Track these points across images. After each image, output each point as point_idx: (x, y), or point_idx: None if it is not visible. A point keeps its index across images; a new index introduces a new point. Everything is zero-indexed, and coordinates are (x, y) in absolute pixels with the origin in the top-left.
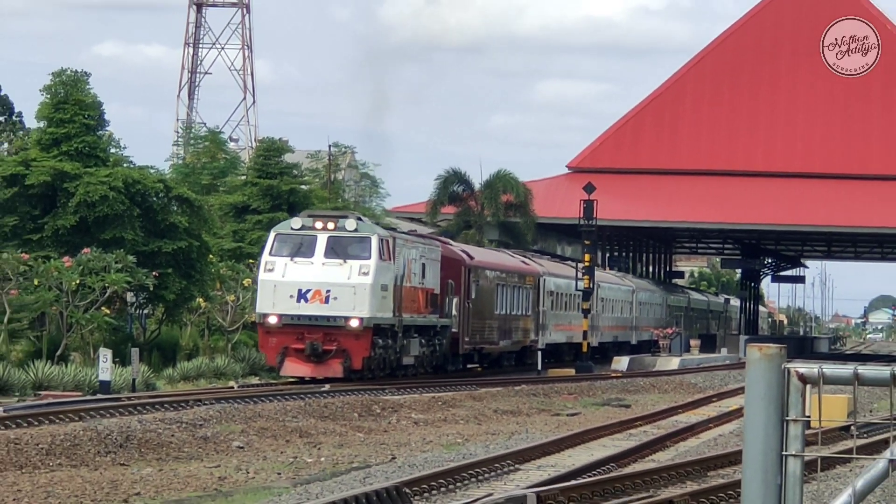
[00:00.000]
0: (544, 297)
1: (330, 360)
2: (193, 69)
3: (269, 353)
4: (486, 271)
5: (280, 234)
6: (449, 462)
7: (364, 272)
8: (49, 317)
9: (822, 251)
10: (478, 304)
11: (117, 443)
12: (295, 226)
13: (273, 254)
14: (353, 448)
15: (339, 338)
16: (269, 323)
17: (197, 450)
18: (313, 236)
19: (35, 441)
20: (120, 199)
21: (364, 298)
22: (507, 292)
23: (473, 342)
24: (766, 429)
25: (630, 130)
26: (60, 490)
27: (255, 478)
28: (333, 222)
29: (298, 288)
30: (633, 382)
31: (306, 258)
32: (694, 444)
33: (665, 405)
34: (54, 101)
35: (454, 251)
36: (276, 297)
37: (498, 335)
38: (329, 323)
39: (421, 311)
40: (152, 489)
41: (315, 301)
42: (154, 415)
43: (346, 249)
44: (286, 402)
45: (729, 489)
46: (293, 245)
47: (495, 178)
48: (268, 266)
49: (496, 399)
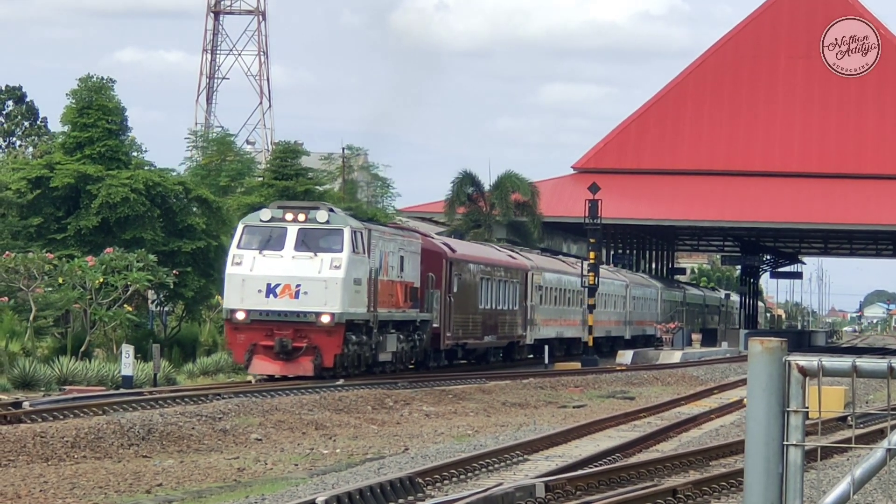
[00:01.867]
0: (532, 291)
1: (300, 358)
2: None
3: (237, 351)
4: (469, 265)
5: (249, 225)
6: (460, 453)
7: (336, 265)
8: (73, 314)
9: (819, 248)
10: (460, 298)
11: (140, 435)
12: (264, 217)
13: (241, 247)
14: (367, 440)
15: (310, 334)
16: (237, 319)
17: (217, 442)
18: (283, 228)
19: (60, 434)
20: (141, 200)
21: (336, 293)
22: (491, 286)
23: (456, 337)
24: (767, 419)
25: (633, 132)
26: (85, 481)
27: (273, 469)
28: (304, 214)
29: (267, 282)
30: (636, 375)
31: (276, 251)
32: (696, 434)
33: (668, 397)
34: (79, 106)
35: (435, 244)
36: (244, 292)
37: (482, 330)
38: (299, 319)
39: (399, 306)
40: (174, 480)
41: (285, 296)
42: (175, 408)
43: (318, 242)
44: (302, 396)
45: (731, 478)
46: (262, 237)
47: (504, 179)
48: (235, 259)
49: (505, 392)
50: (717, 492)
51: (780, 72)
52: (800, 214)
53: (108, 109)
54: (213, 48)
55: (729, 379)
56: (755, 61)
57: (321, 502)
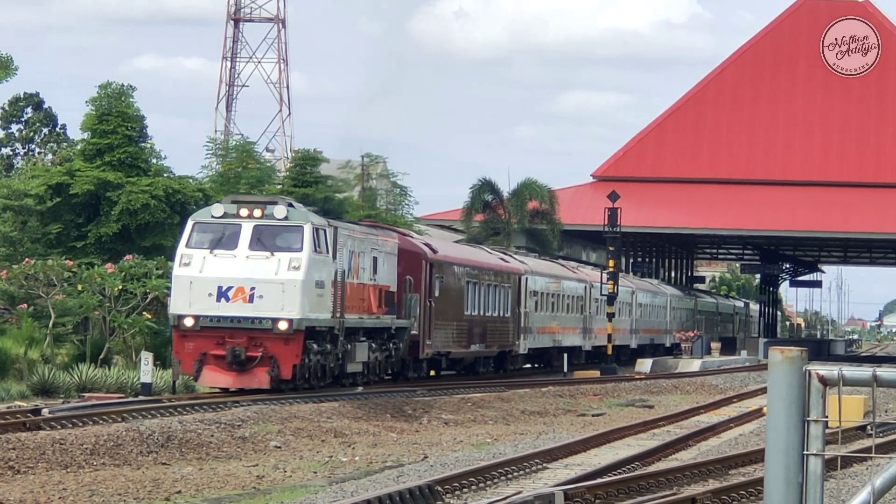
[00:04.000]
0: (527, 297)
1: (255, 369)
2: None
3: (185, 361)
4: (453, 267)
5: (199, 222)
6: (479, 461)
7: (295, 266)
8: (92, 321)
9: (839, 257)
10: (442, 303)
11: (159, 443)
12: (216, 213)
13: (190, 245)
14: (386, 448)
15: (266, 343)
16: (185, 325)
17: (236, 449)
18: (237, 225)
19: (80, 441)
20: (161, 207)
21: (294, 297)
22: (479, 291)
23: (437, 346)
24: (787, 429)
25: (652, 140)
26: (104, 489)
27: (291, 476)
28: (261, 209)
29: (218, 285)
30: (655, 384)
31: (228, 251)
32: (715, 443)
33: (687, 406)
34: (99, 112)
35: (414, 244)
36: (192, 296)
37: (469, 338)
38: (254, 325)
39: (372, 311)
40: (193, 488)
41: (238, 300)
42: (194, 416)
43: (275, 240)
44: (321, 404)
45: (750, 487)
46: (214, 235)
47: (522, 187)
48: (183, 260)
49: (524, 400)
50: (736, 500)
51: (799, 80)
52: (819, 223)
53: (128, 116)
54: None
55: (748, 388)
56: (775, 69)
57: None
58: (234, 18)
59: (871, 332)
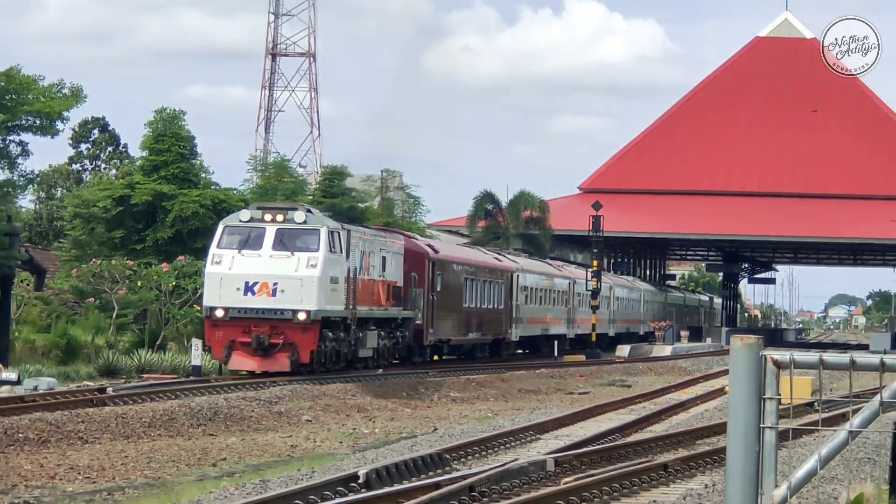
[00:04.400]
0: (518, 292)
1: (277, 354)
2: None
3: (216, 347)
4: (453, 265)
5: (228, 226)
6: (481, 433)
7: (312, 264)
8: (150, 313)
9: (790, 257)
10: (443, 296)
11: (207, 417)
12: (243, 218)
13: (221, 246)
14: (401, 421)
15: (287, 331)
16: (216, 316)
17: (272, 422)
18: (262, 228)
19: (139, 415)
20: (209, 214)
21: (311, 291)
22: (476, 286)
23: (439, 334)
24: (746, 405)
25: (631, 157)
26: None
27: (321, 446)
28: (283, 214)
29: (245, 280)
30: (633, 367)
31: (254, 250)
32: (684, 417)
33: (660, 385)
34: (155, 134)
35: (418, 245)
36: (222, 290)
37: (467, 327)
38: (276, 316)
39: (381, 304)
40: (236, 455)
41: (262, 294)
42: (237, 394)
43: (295, 241)
44: (346, 384)
45: (714, 455)
46: (241, 237)
47: (518, 197)
48: (215, 259)
49: (520, 381)
50: (702, 467)
51: (756, 106)
52: (773, 229)
53: (180, 137)
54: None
55: (713, 370)
56: (735, 97)
57: (362, 475)
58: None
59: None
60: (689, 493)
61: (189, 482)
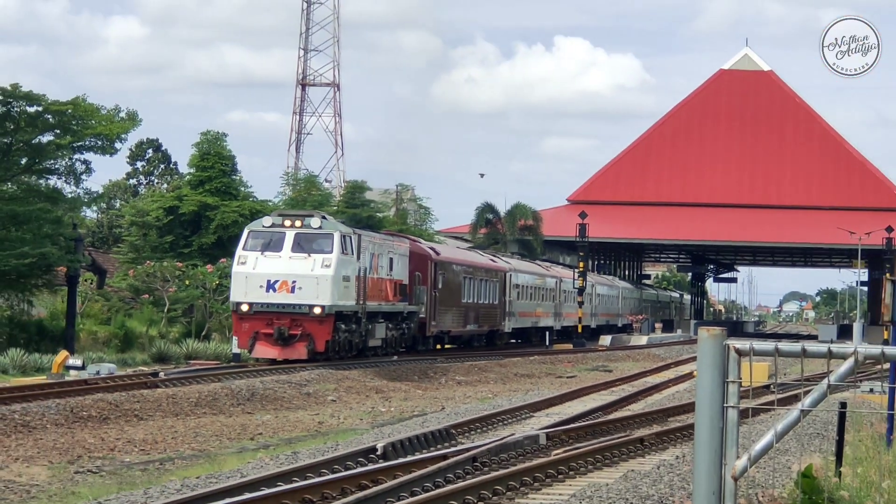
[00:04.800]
0: (510, 289)
1: (296, 344)
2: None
3: (242, 338)
4: (453, 266)
5: (253, 231)
6: (483, 411)
7: (326, 265)
8: (196, 307)
9: (749, 259)
10: (444, 293)
11: (245, 397)
12: (266, 224)
13: (246, 249)
14: (414, 401)
15: (304, 323)
16: (242, 310)
17: (302, 402)
18: (282, 233)
19: (187, 396)
20: (247, 223)
21: (326, 288)
22: (473, 284)
23: (440, 326)
24: (712, 387)
25: (612, 174)
26: (205, 431)
27: (344, 422)
28: (300, 220)
29: (267, 279)
30: (614, 354)
31: (275, 252)
32: (658, 398)
33: (637, 370)
34: (201, 153)
35: (422, 247)
36: (247, 287)
37: (465, 320)
38: (295, 310)
39: (388, 299)
40: (270, 430)
41: (282, 290)
42: (271, 377)
43: (311, 244)
44: (365, 369)
45: (684, 430)
46: (264, 241)
47: (515, 208)
48: (241, 260)
49: (516, 366)
50: (673, 441)
51: (720, 129)
52: (735, 235)
53: (223, 156)
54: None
55: (682, 357)
56: (702, 121)
57: (380, 447)
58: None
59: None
60: (663, 463)
61: (230, 454)
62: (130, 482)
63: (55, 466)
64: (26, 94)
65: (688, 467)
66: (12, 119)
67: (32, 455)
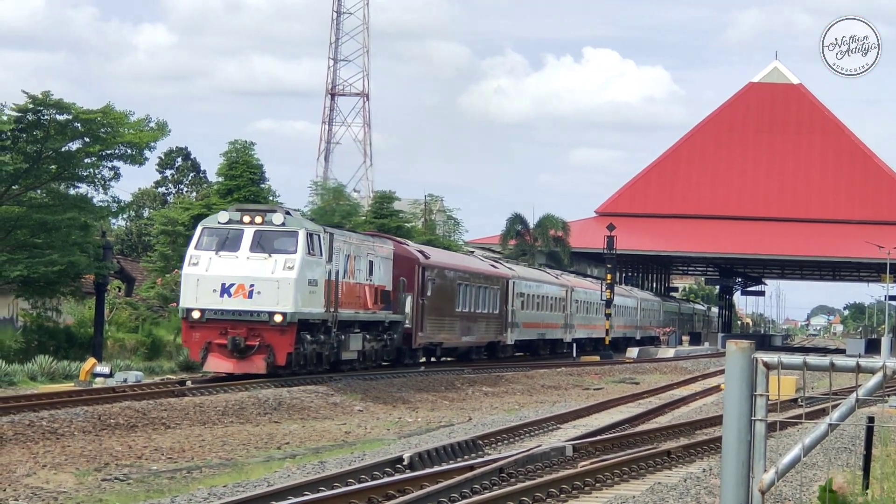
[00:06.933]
0: (513, 298)
1: (253, 356)
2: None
3: (193, 348)
4: (445, 271)
5: (207, 227)
6: (509, 422)
7: (289, 266)
8: None
9: (778, 273)
10: (435, 301)
11: (272, 406)
12: (222, 220)
13: (199, 247)
14: (441, 411)
15: (263, 333)
16: (192, 317)
17: (329, 412)
18: (240, 230)
19: (213, 405)
20: None
21: (288, 293)
22: (470, 291)
23: (429, 337)
24: (740, 401)
25: (640, 186)
26: (232, 440)
27: (371, 432)
28: (261, 216)
29: (222, 282)
30: (640, 366)
31: (231, 252)
32: (685, 410)
33: (664, 383)
34: (229, 162)
35: (408, 250)
36: (198, 292)
37: (461, 331)
38: (252, 318)
39: (367, 307)
40: (297, 440)
41: (238, 296)
42: (298, 387)
43: (273, 243)
44: (392, 379)
45: (711, 444)
46: (219, 239)
47: (545, 219)
48: (192, 260)
49: (543, 377)
50: (701, 454)
51: (749, 142)
52: (763, 248)
53: (251, 165)
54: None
55: (710, 370)
56: (731, 134)
57: (407, 458)
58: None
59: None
60: (689, 475)
61: (257, 462)
62: (158, 490)
63: (82, 473)
64: (56, 101)
65: (715, 480)
66: (42, 127)
67: (60, 462)
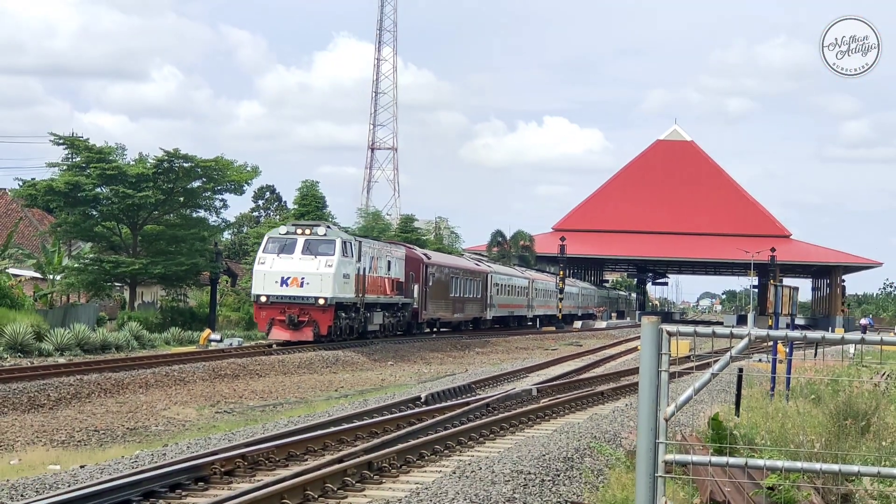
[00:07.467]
0: (491, 287)
1: (304, 328)
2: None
3: (261, 323)
4: (442, 268)
5: (271, 237)
6: (493, 373)
7: (329, 265)
8: None
9: (676, 270)
10: (435, 289)
11: (331, 361)
12: (282, 232)
13: (265, 252)
14: (447, 365)
15: (311, 311)
16: (261, 301)
17: (370, 365)
18: (294, 239)
19: (292, 361)
20: None
21: (328, 283)
22: (459, 282)
23: (431, 314)
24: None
25: (583, 210)
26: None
27: (399, 379)
28: (309, 229)
29: (281, 276)
30: (583, 334)
31: (288, 255)
32: (613, 364)
33: (599, 345)
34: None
35: (416, 253)
36: (265, 283)
37: (453, 310)
38: (303, 301)
39: (386, 293)
40: (349, 384)
41: (293, 285)
42: (349, 349)
43: (318, 248)
44: (413, 343)
45: (631, 387)
46: (280, 245)
47: (517, 234)
48: (261, 260)
49: (516, 342)
50: (624, 393)
51: (657, 180)
52: (666, 253)
53: (317, 197)
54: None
55: (630, 336)
56: (644, 175)
57: (423, 396)
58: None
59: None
60: (616, 408)
61: (321, 400)
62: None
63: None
64: (183, 155)
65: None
66: (174, 171)
67: (186, 400)
